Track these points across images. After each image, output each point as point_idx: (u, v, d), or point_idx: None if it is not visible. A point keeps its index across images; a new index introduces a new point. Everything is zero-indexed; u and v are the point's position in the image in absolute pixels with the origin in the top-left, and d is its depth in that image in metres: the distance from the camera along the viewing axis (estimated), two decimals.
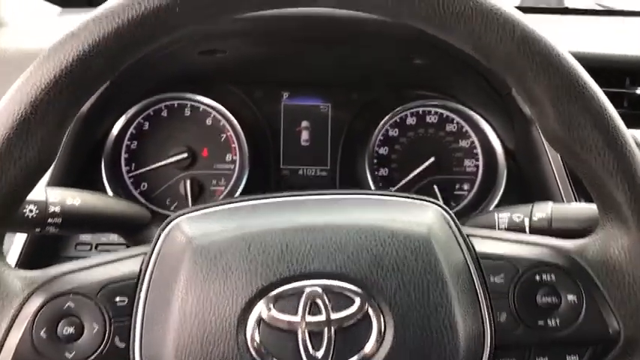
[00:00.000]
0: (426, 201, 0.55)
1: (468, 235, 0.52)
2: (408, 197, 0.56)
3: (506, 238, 0.53)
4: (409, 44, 0.84)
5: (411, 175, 1.03)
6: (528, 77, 0.45)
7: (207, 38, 0.83)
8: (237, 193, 1.00)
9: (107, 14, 0.43)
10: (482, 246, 0.51)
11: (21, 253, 0.80)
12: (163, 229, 0.51)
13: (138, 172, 1.02)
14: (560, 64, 0.45)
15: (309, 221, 0.50)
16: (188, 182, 1.02)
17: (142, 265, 0.48)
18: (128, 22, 0.43)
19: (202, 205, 0.54)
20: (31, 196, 0.48)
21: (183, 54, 0.87)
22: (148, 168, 1.01)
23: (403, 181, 1.04)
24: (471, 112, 1.01)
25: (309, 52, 0.94)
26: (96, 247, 0.90)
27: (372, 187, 1.01)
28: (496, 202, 0.97)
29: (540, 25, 0.46)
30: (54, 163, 0.46)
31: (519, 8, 0.48)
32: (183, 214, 0.52)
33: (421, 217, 0.51)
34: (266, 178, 1.05)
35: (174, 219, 0.52)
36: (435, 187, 1.03)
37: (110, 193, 0.95)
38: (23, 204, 0.56)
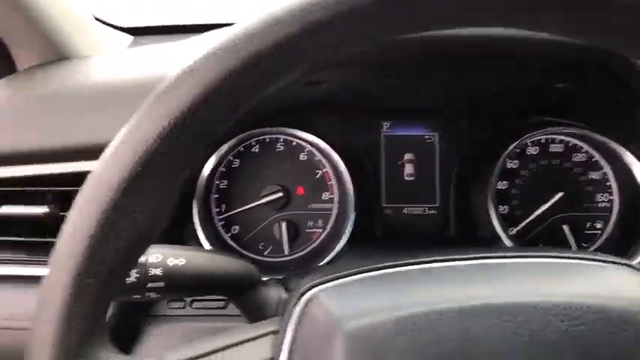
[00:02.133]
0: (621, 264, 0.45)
1: None
2: (595, 259, 0.46)
3: None
4: (560, 65, 0.71)
5: (537, 213, 0.90)
6: None
7: (320, 68, 0.72)
8: (342, 240, 0.88)
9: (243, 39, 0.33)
10: None
11: None
12: (296, 304, 0.41)
13: (229, 213, 0.92)
14: None
15: (489, 298, 0.39)
16: (284, 225, 0.92)
17: (274, 349, 0.39)
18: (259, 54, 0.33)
19: (336, 274, 0.44)
20: None
21: (290, 85, 0.77)
22: (240, 209, 0.92)
23: (527, 220, 0.91)
24: (604, 139, 0.88)
25: (420, 79, 0.83)
26: (191, 304, 0.79)
27: (497, 228, 0.88)
28: None
29: None
30: None
31: None
32: (317, 284, 0.43)
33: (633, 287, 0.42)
34: (368, 218, 0.94)
35: (306, 291, 0.42)
36: (565, 226, 0.91)
37: (204, 240, 0.84)
38: None
